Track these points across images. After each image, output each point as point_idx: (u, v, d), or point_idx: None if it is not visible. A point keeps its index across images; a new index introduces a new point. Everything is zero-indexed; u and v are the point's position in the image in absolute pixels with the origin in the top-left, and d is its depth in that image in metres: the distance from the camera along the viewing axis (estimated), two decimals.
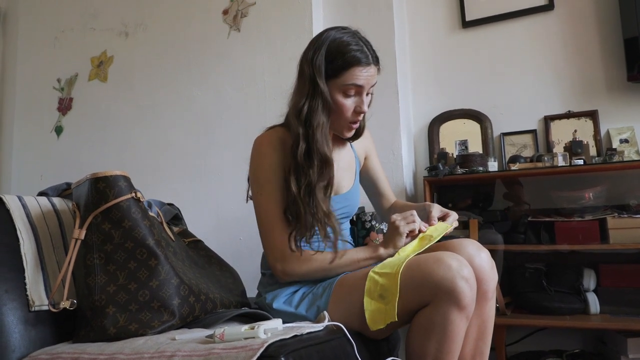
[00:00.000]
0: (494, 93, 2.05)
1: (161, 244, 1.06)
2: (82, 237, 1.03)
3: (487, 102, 2.05)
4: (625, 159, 1.68)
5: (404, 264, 0.97)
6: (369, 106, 1.21)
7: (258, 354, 0.74)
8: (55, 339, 1.05)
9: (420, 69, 2.17)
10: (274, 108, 2.05)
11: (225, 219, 2.10)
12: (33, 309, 1.03)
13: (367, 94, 1.19)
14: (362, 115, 1.19)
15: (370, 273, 1.01)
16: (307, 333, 0.91)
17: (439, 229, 1.12)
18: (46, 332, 1.05)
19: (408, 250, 1.06)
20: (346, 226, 1.34)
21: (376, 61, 1.17)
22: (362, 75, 1.13)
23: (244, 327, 0.86)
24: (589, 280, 1.69)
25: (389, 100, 1.96)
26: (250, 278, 1.46)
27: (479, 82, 2.07)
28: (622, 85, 1.84)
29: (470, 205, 1.90)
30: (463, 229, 1.90)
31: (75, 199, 1.10)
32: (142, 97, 2.37)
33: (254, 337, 0.84)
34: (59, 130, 2.54)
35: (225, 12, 2.21)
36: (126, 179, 1.07)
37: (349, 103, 1.16)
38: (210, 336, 0.87)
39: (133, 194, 1.05)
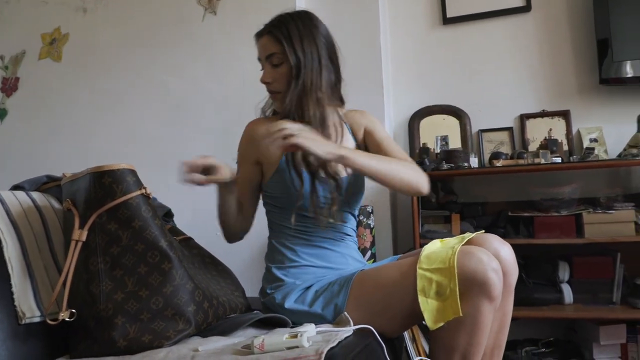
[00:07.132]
0: (472, 90, 2.08)
1: (173, 245, 0.96)
2: (84, 238, 0.91)
3: (466, 98, 2.08)
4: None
5: (457, 256, 0.95)
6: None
7: None
8: (49, 354, 0.93)
9: (400, 64, 2.16)
10: (254, 97, 1.94)
11: (202, 213, 1.97)
12: (23, 322, 0.90)
13: (278, 65, 1.21)
14: (270, 85, 1.25)
15: (420, 271, 0.97)
16: (345, 338, 0.87)
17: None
18: (38, 347, 0.92)
19: (452, 242, 1.03)
20: (350, 218, 1.29)
21: (263, 32, 1.23)
22: (258, 47, 1.26)
23: (285, 336, 0.80)
24: (564, 272, 1.77)
25: (374, 95, 1.94)
26: None
27: (458, 78, 2.10)
28: (593, 87, 1.93)
29: (451, 201, 1.93)
30: (445, 224, 1.93)
31: (69, 195, 0.97)
32: (102, 80, 2.17)
33: (297, 347, 0.78)
34: (2, 113, 2.27)
35: None
36: (133, 173, 0.96)
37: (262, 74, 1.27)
38: (248, 347, 0.80)
39: (142, 190, 0.94)
